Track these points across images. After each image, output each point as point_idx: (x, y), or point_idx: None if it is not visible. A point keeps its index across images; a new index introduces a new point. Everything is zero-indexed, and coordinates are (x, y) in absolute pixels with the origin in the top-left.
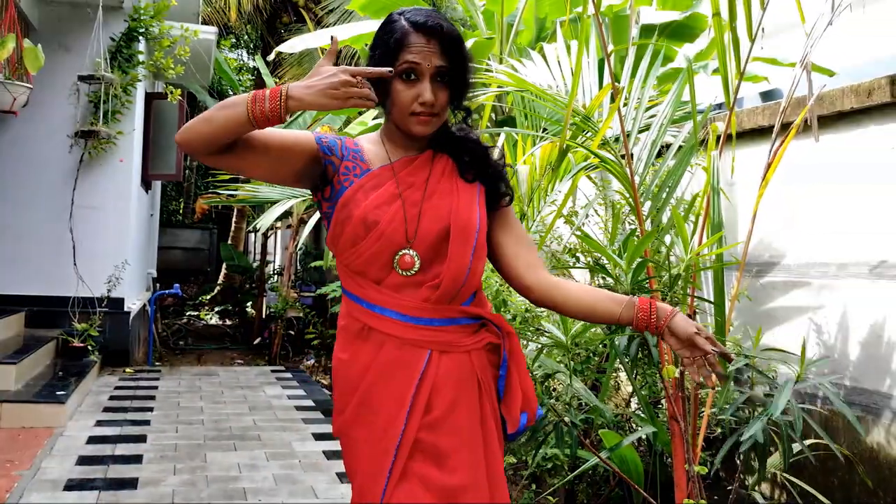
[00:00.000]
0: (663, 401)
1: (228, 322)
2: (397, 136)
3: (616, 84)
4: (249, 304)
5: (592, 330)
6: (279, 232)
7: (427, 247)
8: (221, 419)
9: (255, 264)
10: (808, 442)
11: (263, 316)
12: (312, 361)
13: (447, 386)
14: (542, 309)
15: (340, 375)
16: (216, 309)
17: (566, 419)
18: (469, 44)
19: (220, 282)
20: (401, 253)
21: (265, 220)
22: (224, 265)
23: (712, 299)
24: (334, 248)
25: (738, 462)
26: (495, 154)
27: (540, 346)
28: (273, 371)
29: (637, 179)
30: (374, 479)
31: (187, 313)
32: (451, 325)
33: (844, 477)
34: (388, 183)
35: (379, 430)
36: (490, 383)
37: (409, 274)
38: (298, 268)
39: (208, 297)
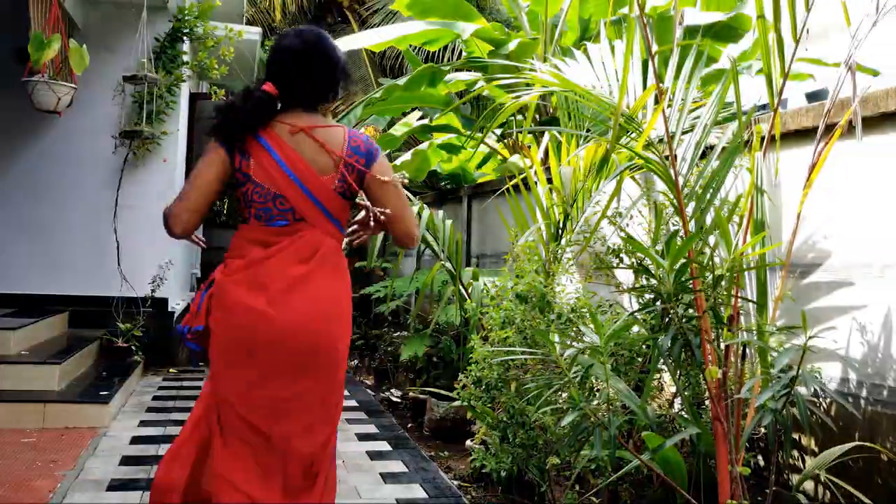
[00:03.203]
0: (707, 402)
1: None
2: None
3: (660, 85)
4: None
5: (635, 330)
6: None
7: None
8: None
9: None
10: (850, 445)
11: None
12: (356, 362)
13: None
14: (585, 310)
15: None
16: None
17: (602, 421)
18: (513, 44)
19: None
20: None
21: None
22: None
23: (755, 300)
24: None
25: (780, 461)
26: None
27: (581, 348)
28: None
29: (681, 180)
30: None
31: None
32: None
33: (888, 479)
34: None
35: None
36: None
37: None
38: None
39: None
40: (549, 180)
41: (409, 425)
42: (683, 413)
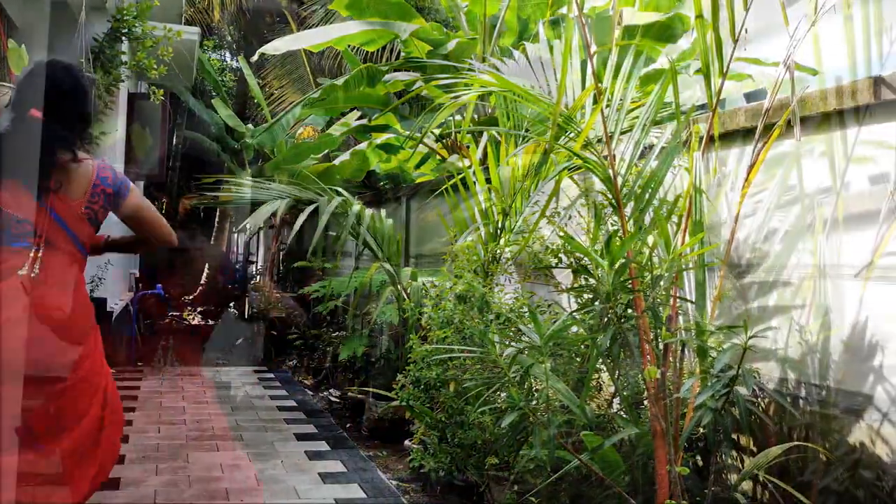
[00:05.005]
0: (646, 401)
1: (211, 322)
2: None
3: (599, 85)
4: (232, 304)
5: (574, 330)
6: (262, 232)
7: None
8: (203, 419)
9: (237, 265)
10: (789, 444)
11: (246, 316)
12: (294, 362)
13: None
14: (525, 310)
15: None
16: (199, 309)
17: (542, 420)
18: (452, 45)
19: (203, 282)
20: None
21: (252, 222)
22: (207, 265)
23: (694, 299)
24: None
25: (719, 461)
26: None
27: (520, 347)
28: (255, 371)
29: (620, 180)
30: None
31: (170, 313)
32: None
33: (826, 478)
34: None
35: None
36: None
37: None
38: (281, 268)
39: (191, 297)
40: (488, 180)
41: (348, 425)
42: (622, 413)
